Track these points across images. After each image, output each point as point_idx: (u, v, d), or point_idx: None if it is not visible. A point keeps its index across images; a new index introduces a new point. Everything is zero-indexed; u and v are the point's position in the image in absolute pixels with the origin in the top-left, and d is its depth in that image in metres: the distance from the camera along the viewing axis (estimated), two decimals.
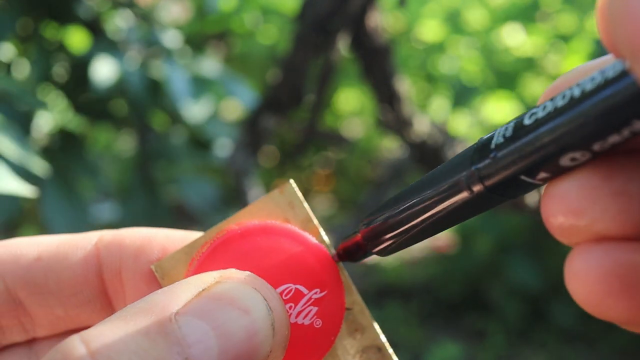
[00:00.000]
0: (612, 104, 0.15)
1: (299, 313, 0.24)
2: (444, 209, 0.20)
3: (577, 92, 0.16)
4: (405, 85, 0.95)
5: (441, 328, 1.78)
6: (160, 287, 0.24)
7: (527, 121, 0.18)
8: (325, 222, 2.50)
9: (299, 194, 0.26)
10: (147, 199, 1.13)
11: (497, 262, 1.79)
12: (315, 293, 0.24)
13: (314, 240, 0.25)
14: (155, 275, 0.24)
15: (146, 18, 1.16)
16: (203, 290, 0.21)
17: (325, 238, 0.26)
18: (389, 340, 0.26)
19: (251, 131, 1.03)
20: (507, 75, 1.63)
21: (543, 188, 0.18)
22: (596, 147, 0.16)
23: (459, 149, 0.97)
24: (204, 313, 0.20)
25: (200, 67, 1.12)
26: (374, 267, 2.08)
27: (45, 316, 0.25)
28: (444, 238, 2.18)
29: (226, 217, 0.26)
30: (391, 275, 2.02)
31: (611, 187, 0.17)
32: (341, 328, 0.25)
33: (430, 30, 1.62)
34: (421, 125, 0.95)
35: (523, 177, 0.18)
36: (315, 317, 0.24)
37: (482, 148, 0.19)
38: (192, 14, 1.47)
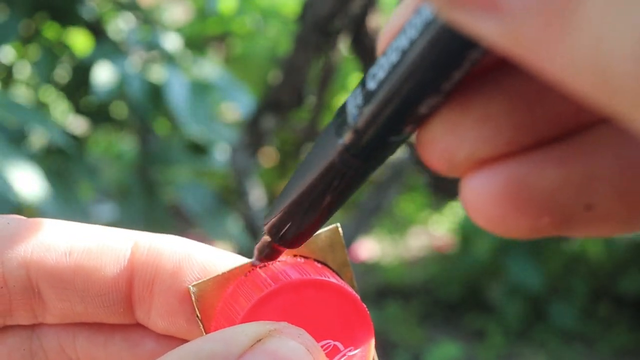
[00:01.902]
0: (439, 44, 0.15)
1: None
2: (328, 190, 0.20)
3: (405, 43, 0.16)
4: None
5: (441, 328, 1.78)
6: (192, 307, 0.24)
7: (371, 85, 0.17)
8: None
9: (342, 237, 0.26)
10: (146, 201, 1.13)
11: (497, 262, 1.79)
12: (350, 350, 0.25)
13: (358, 297, 0.25)
14: (191, 295, 0.24)
15: (148, 20, 1.17)
16: (258, 341, 0.21)
17: (355, 283, 0.26)
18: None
19: (252, 132, 1.04)
20: None
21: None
22: (445, 87, 0.16)
23: None
24: None
25: (200, 70, 1.12)
26: (374, 267, 2.09)
27: (62, 309, 0.25)
28: (443, 238, 2.18)
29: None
30: (391, 275, 2.02)
31: (472, 115, 0.17)
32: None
33: None
34: None
35: (391, 139, 0.18)
36: None
37: (342, 121, 0.19)
38: (194, 15, 1.48)
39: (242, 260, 0.25)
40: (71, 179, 1.01)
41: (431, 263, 2.11)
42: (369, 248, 2.13)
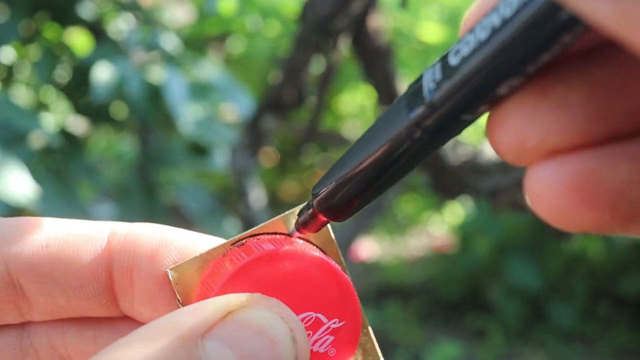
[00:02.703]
0: (535, 25, 0.15)
1: (315, 341, 0.24)
2: (390, 161, 0.20)
3: (497, 21, 0.16)
4: (406, 86, 0.95)
5: (441, 328, 1.78)
6: (172, 291, 0.24)
7: (453, 61, 0.17)
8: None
9: (332, 234, 0.26)
10: (146, 201, 1.13)
11: (497, 262, 1.79)
12: (334, 323, 0.24)
13: (340, 269, 0.25)
14: (169, 279, 0.24)
15: (148, 20, 1.17)
16: (229, 313, 0.21)
17: (341, 257, 0.26)
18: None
19: (252, 132, 1.04)
20: None
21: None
22: (530, 69, 0.16)
23: (460, 149, 0.98)
24: (231, 340, 0.20)
25: (200, 71, 1.12)
26: (374, 267, 2.09)
27: (46, 304, 0.24)
28: (443, 238, 2.18)
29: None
30: (391, 275, 2.02)
31: (550, 101, 0.16)
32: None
33: (431, 30, 1.62)
34: None
35: (463, 117, 0.18)
36: (330, 346, 0.24)
37: (415, 95, 0.18)
38: (195, 16, 1.48)
39: (220, 241, 0.25)
40: (71, 178, 1.01)
41: (431, 263, 2.11)
42: (369, 248, 2.13)
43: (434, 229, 2.30)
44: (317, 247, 0.25)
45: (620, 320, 1.73)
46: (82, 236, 0.24)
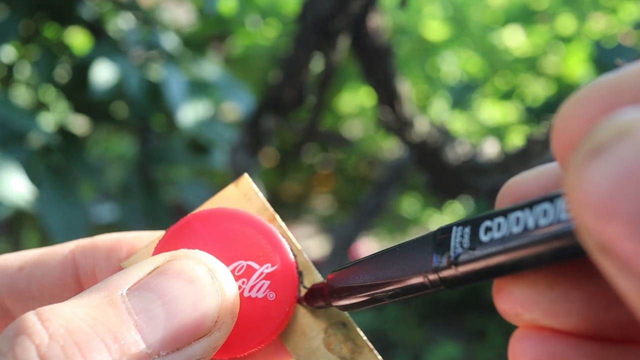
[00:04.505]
0: (564, 247, 0.17)
1: (252, 287, 0.26)
2: (403, 289, 0.23)
3: (531, 223, 0.18)
4: (406, 86, 0.95)
5: (441, 328, 1.78)
6: None
7: (483, 237, 0.19)
8: (325, 222, 2.50)
9: (254, 186, 0.28)
10: (147, 200, 1.13)
11: None
12: (267, 268, 0.26)
13: (263, 220, 0.27)
14: None
15: (148, 20, 1.17)
16: (155, 268, 0.23)
17: (283, 224, 0.28)
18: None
19: (252, 132, 1.04)
20: (506, 75, 1.63)
21: None
22: (548, 265, 0.18)
23: (459, 149, 0.97)
24: (153, 287, 0.22)
25: (199, 70, 1.12)
26: None
27: None
28: None
29: None
30: None
31: (555, 292, 0.19)
32: (304, 305, 0.27)
33: (431, 30, 1.62)
34: (421, 126, 0.95)
35: (481, 280, 0.21)
36: (268, 290, 0.26)
37: (442, 246, 0.21)
38: (195, 15, 1.48)
39: (163, 232, 0.28)
40: (71, 178, 1.01)
41: None
42: (369, 248, 2.13)
43: (433, 229, 2.30)
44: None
45: None
46: (50, 254, 0.28)
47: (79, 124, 1.22)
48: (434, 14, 1.63)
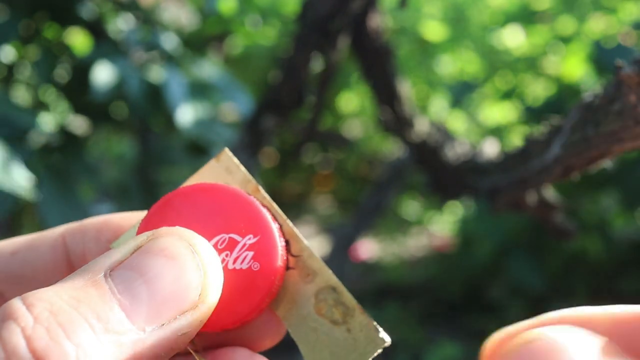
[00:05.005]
0: None
1: (235, 259, 0.26)
2: None
3: None
4: (406, 86, 0.95)
5: (441, 328, 1.78)
6: None
7: None
8: (325, 222, 2.50)
9: (235, 159, 0.28)
10: (146, 200, 1.13)
11: (497, 261, 1.79)
12: (249, 239, 0.26)
13: (244, 192, 0.27)
14: None
15: (148, 20, 1.17)
16: (137, 248, 0.23)
17: (266, 195, 0.28)
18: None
19: (252, 132, 1.04)
20: (506, 75, 1.63)
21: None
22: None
23: (459, 149, 0.97)
24: (135, 266, 0.22)
25: (199, 70, 1.12)
26: (374, 267, 2.09)
27: None
28: (443, 238, 2.18)
29: None
30: (391, 275, 2.02)
31: None
32: (291, 272, 0.27)
33: (430, 30, 1.62)
34: (421, 126, 0.95)
35: None
36: (252, 261, 0.26)
37: None
38: (195, 16, 1.48)
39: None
40: (71, 178, 1.01)
41: (431, 263, 2.11)
42: (369, 248, 2.13)
43: (434, 228, 2.30)
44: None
45: None
46: (41, 238, 0.28)
47: (79, 124, 1.22)
48: (434, 14, 1.63)
